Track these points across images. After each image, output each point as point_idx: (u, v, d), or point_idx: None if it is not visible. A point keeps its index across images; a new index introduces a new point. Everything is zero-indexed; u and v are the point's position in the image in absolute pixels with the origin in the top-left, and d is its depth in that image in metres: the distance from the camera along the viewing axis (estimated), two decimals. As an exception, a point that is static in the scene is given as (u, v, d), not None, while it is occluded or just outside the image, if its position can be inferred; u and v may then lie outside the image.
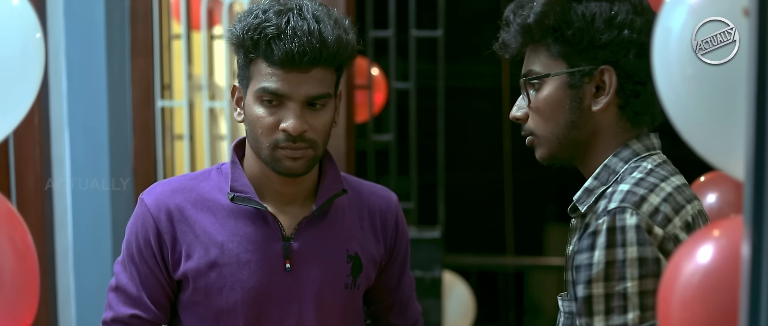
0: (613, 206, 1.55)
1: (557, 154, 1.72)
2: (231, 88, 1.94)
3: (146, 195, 1.95)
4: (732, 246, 1.10)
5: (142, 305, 1.93)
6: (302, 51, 1.78)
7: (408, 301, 2.14)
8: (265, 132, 1.84)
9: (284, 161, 1.85)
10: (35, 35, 1.29)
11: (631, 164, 1.65)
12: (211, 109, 3.64)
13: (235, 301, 1.90)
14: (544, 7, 1.66)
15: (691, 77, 1.17)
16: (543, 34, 1.68)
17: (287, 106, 1.83)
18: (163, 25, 3.57)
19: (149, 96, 3.54)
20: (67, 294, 3.39)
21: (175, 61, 3.68)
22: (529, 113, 1.73)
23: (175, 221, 1.91)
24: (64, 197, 3.37)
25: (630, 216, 1.53)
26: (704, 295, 1.11)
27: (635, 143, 1.68)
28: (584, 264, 1.55)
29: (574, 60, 1.66)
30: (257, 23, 1.81)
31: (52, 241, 3.33)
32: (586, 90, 1.66)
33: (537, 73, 1.70)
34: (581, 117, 1.68)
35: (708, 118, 1.15)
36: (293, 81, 1.81)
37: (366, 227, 2.02)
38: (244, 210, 1.91)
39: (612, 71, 1.64)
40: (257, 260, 1.90)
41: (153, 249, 1.92)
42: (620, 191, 1.58)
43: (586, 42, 1.64)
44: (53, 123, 3.33)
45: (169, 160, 3.65)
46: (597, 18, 1.64)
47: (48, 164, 3.31)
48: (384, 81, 4.81)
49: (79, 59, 3.34)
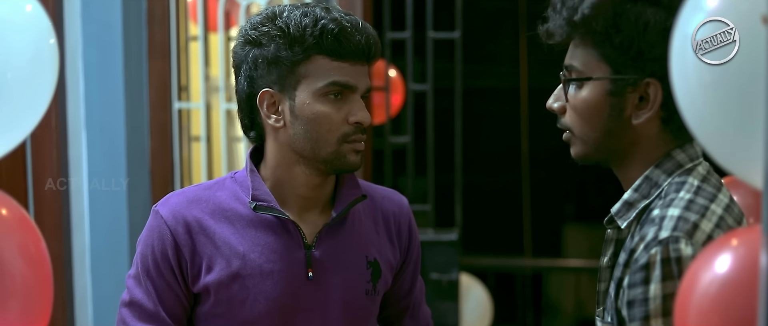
0: (666, 235, 1.45)
1: (593, 156, 1.63)
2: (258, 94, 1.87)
3: (161, 206, 1.91)
4: (750, 256, 1.08)
5: (159, 320, 1.88)
6: (368, 43, 1.83)
7: (419, 305, 2.13)
8: (334, 127, 1.83)
9: (349, 155, 1.85)
10: (49, 41, 1.29)
11: (676, 179, 1.56)
12: (228, 111, 3.64)
13: (259, 313, 1.87)
14: (596, 6, 1.55)
15: (708, 84, 1.15)
16: (590, 35, 1.56)
17: (351, 99, 1.84)
18: (180, 27, 3.58)
19: (166, 98, 3.54)
20: (84, 295, 3.40)
21: (192, 62, 3.69)
22: (566, 107, 1.64)
23: (194, 233, 1.87)
24: (81, 199, 3.37)
25: (685, 247, 1.43)
26: (722, 305, 1.09)
27: (679, 153, 1.58)
28: (639, 300, 1.45)
29: (619, 66, 1.55)
30: (312, 20, 1.80)
31: (69, 243, 3.34)
32: (628, 99, 1.56)
33: (578, 71, 1.60)
34: (620, 126, 1.58)
35: (726, 126, 1.14)
36: (359, 73, 1.85)
37: (381, 232, 2.01)
38: (263, 219, 1.89)
39: (658, 85, 1.53)
40: (280, 270, 1.87)
41: (170, 263, 1.87)
42: (671, 217, 1.47)
43: (635, 51, 1.53)
44: (70, 125, 3.33)
45: (185, 162, 3.65)
46: (650, 28, 1.51)
47: (65, 166, 3.31)
48: (401, 82, 4.81)
49: (96, 61, 3.35)
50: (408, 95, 4.72)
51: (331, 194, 1.95)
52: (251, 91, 1.86)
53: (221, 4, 3.53)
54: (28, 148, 3.20)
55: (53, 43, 1.29)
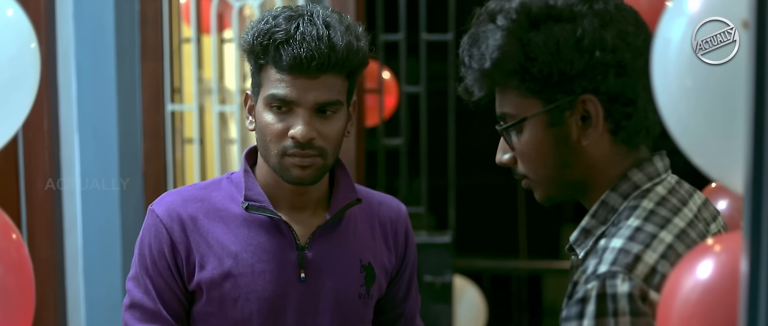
0: (604, 269, 1.36)
1: (556, 195, 1.55)
2: (243, 96, 1.94)
3: (156, 205, 1.92)
4: (731, 262, 1.08)
5: (160, 318, 1.89)
6: (310, 56, 1.76)
7: (413, 317, 2.13)
8: (273, 139, 1.82)
9: (292, 169, 1.83)
10: (30, 45, 1.29)
11: (631, 202, 1.47)
12: (221, 113, 3.64)
13: (250, 312, 1.88)
14: (501, 46, 1.45)
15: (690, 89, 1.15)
16: (507, 77, 1.47)
17: (296, 113, 1.81)
18: (173, 29, 3.57)
19: (159, 100, 3.54)
20: (76, 297, 3.39)
21: (185, 64, 3.68)
22: (515, 157, 1.55)
23: (188, 231, 1.89)
24: (74, 201, 3.36)
25: (621, 283, 1.34)
26: (703, 311, 1.09)
27: (635, 173, 1.49)
28: None
29: (548, 96, 1.46)
30: (267, 29, 1.79)
31: (62, 245, 3.33)
32: (570, 124, 1.47)
33: (512, 115, 1.51)
34: (571, 154, 1.49)
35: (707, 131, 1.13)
36: (301, 87, 1.79)
37: (378, 237, 2.01)
38: (257, 219, 1.90)
39: (594, 99, 1.45)
40: (272, 270, 1.88)
41: (167, 260, 1.89)
42: (612, 250, 1.39)
43: (557, 74, 1.44)
44: (63, 127, 3.33)
45: (179, 164, 3.65)
46: (561, 46, 1.43)
47: (57, 168, 3.31)
48: (395, 84, 4.80)
49: (88, 63, 3.34)
50: (401, 97, 4.71)
51: (326, 196, 1.96)
52: None
53: (214, 6, 3.52)
54: (21, 150, 3.19)
55: (34, 48, 1.28)
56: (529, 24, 1.45)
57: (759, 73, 0.95)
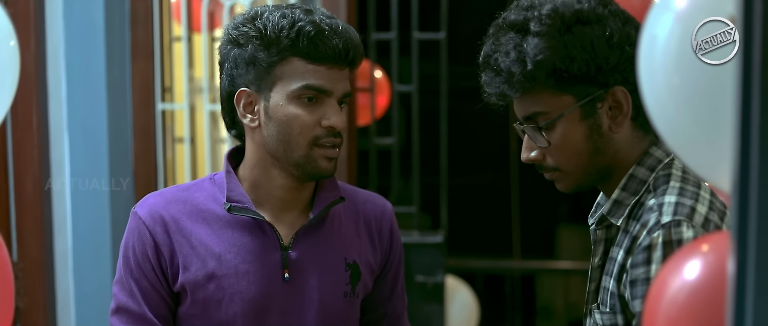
0: (668, 219, 1.53)
1: (584, 182, 1.70)
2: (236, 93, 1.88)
3: (139, 207, 1.91)
4: (719, 262, 1.07)
5: (146, 321, 1.88)
6: (346, 47, 1.82)
7: (398, 316, 2.10)
8: (304, 130, 1.83)
9: (320, 161, 1.84)
10: (9, 43, 1.27)
11: (660, 172, 1.64)
12: (212, 112, 3.62)
13: (234, 313, 1.87)
14: (543, 49, 1.60)
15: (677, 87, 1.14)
16: (547, 77, 1.61)
17: (326, 104, 1.83)
18: (164, 28, 3.56)
19: (150, 99, 3.52)
20: (66, 297, 3.38)
21: (176, 63, 3.66)
22: (544, 152, 1.68)
23: (171, 232, 1.88)
24: (64, 200, 3.35)
25: (686, 229, 1.51)
26: (690, 311, 1.08)
27: (656, 150, 1.67)
28: (641, 279, 1.52)
29: (581, 91, 1.62)
30: (289, 22, 1.80)
31: (52, 245, 3.32)
32: (601, 115, 1.63)
33: (545, 113, 1.65)
34: (602, 142, 1.65)
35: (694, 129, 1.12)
36: (334, 77, 1.83)
37: (362, 235, 2.00)
38: (240, 220, 1.89)
39: (624, 90, 1.61)
40: (256, 270, 1.88)
41: (151, 262, 1.88)
42: (669, 203, 1.55)
43: (594, 70, 1.60)
44: (52, 126, 3.32)
45: (169, 164, 3.63)
46: (596, 44, 1.60)
47: (47, 167, 3.29)
48: (387, 83, 4.79)
49: (78, 62, 3.33)
50: (393, 96, 4.70)
51: (311, 196, 1.95)
52: (232, 89, 1.87)
53: (205, 5, 3.51)
54: (10, 149, 3.18)
55: (14, 46, 1.27)
56: (564, 28, 1.60)
57: (746, 71, 0.94)
